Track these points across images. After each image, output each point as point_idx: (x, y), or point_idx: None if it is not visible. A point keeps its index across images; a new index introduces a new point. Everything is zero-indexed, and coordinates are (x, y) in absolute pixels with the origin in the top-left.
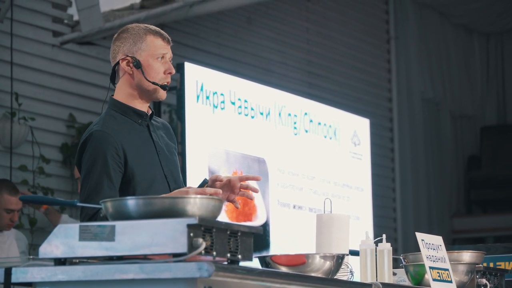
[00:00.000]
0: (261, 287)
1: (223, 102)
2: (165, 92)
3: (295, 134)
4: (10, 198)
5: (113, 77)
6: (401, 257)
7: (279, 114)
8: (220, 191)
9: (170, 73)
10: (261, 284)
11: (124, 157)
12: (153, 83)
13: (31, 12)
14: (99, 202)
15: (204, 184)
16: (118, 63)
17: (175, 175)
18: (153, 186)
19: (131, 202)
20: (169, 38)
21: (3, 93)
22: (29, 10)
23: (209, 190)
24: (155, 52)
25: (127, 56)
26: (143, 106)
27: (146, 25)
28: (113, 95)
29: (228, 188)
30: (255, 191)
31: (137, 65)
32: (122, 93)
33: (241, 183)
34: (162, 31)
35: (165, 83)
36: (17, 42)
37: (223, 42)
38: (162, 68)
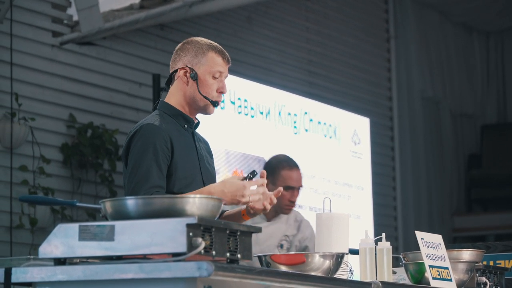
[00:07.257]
0: (260, 286)
1: (223, 101)
2: (214, 108)
3: (295, 133)
4: None
5: (169, 81)
6: (401, 256)
7: (279, 114)
8: (265, 181)
9: (222, 92)
10: (260, 283)
11: (172, 150)
12: (205, 97)
13: (31, 12)
14: (148, 189)
15: (253, 175)
16: (176, 70)
17: None
18: (191, 185)
19: (131, 202)
20: (230, 58)
21: (3, 93)
22: (28, 10)
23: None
24: (213, 68)
25: (186, 66)
26: (191, 115)
27: (210, 41)
28: (164, 99)
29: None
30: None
31: (194, 77)
32: (175, 99)
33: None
34: (224, 50)
35: (217, 101)
36: (16, 42)
37: (223, 41)
38: (216, 85)
